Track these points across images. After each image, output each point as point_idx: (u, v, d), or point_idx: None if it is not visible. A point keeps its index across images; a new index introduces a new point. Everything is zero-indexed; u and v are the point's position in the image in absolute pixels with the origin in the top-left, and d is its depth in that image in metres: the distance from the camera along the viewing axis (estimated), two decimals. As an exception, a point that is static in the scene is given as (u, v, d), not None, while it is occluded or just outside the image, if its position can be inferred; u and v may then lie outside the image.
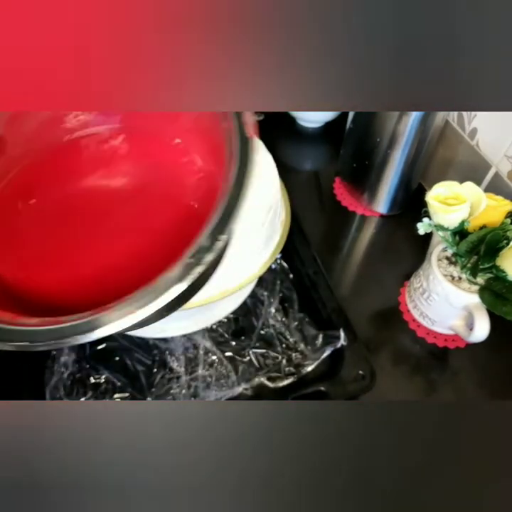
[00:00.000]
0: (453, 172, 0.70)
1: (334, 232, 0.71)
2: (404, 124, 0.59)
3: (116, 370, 0.53)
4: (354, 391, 0.50)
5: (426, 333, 0.59)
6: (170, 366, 0.53)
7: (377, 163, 0.66)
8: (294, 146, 0.85)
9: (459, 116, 0.66)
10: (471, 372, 0.56)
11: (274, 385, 0.52)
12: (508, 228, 0.50)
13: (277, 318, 0.57)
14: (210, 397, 0.50)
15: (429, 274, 0.55)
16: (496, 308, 0.49)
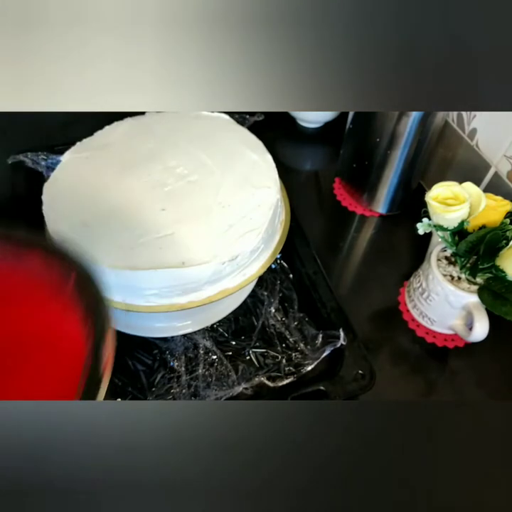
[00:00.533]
0: (452, 172, 0.70)
1: (334, 232, 0.71)
2: (404, 124, 0.60)
3: (116, 369, 0.53)
4: (354, 390, 0.50)
5: (425, 333, 0.59)
6: (170, 366, 0.53)
7: (376, 163, 0.66)
8: (294, 146, 0.86)
9: (458, 116, 0.66)
10: (470, 372, 0.56)
11: (274, 385, 0.52)
12: (507, 228, 0.51)
13: (277, 317, 0.57)
14: (211, 396, 0.50)
15: (429, 274, 0.55)
16: (496, 308, 0.49)
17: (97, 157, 0.55)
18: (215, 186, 0.53)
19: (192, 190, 0.52)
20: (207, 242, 0.48)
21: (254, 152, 0.57)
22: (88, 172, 0.54)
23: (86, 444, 0.28)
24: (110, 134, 0.59)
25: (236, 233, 0.49)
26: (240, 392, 0.51)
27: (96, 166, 0.54)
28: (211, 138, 0.58)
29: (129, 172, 0.54)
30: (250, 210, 0.51)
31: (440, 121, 0.61)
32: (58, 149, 0.72)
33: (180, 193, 0.52)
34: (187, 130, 0.59)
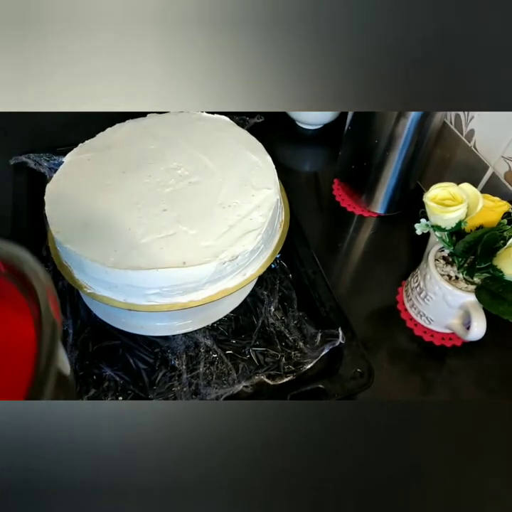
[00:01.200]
0: (450, 173, 0.71)
1: (333, 233, 0.72)
2: (402, 125, 0.60)
3: (118, 368, 0.53)
4: (352, 389, 0.50)
5: (423, 332, 0.60)
6: (171, 364, 0.54)
7: (375, 164, 0.67)
8: (293, 147, 0.86)
9: (456, 117, 0.67)
10: (467, 371, 0.57)
11: (273, 383, 0.52)
12: (504, 228, 0.51)
13: (277, 316, 0.58)
14: (211, 394, 0.51)
15: (427, 274, 0.55)
16: (493, 308, 0.49)
17: (98, 158, 0.56)
18: (215, 187, 0.53)
19: (193, 191, 0.53)
20: (207, 242, 0.48)
21: (254, 153, 0.57)
22: (90, 173, 0.54)
23: (86, 444, 0.28)
24: (112, 136, 0.59)
25: (236, 233, 0.49)
26: (240, 390, 0.52)
27: (98, 167, 0.55)
28: (212, 140, 0.59)
29: (130, 173, 0.54)
30: (250, 210, 0.51)
31: (438, 123, 0.62)
32: (60, 150, 0.72)
33: (181, 194, 0.52)
34: (188, 132, 0.60)
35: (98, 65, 0.30)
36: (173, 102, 0.31)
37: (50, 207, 0.51)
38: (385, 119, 0.61)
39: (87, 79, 0.30)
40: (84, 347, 0.55)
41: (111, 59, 0.30)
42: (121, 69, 0.30)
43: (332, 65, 0.30)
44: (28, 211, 0.68)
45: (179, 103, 0.31)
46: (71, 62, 0.29)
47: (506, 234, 0.50)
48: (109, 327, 0.56)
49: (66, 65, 0.29)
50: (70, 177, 0.54)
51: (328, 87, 0.30)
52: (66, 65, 0.29)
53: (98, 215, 0.50)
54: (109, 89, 0.31)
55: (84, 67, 0.30)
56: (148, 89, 0.31)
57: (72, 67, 0.29)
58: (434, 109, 0.32)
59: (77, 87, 0.30)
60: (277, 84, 0.30)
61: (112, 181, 0.53)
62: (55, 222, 0.50)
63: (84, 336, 0.56)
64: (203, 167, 0.55)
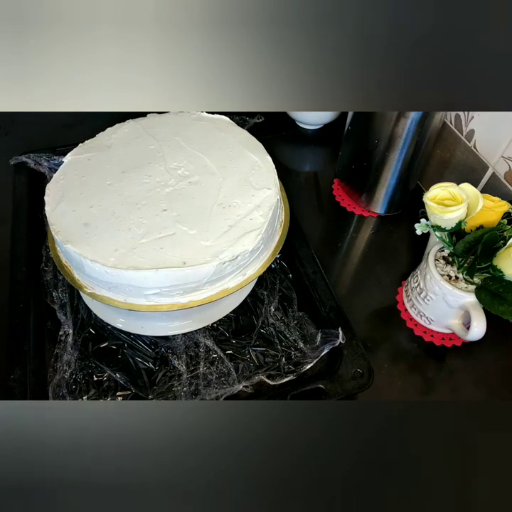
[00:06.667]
0: (450, 173, 0.71)
1: (333, 233, 0.72)
2: (402, 126, 0.60)
3: (118, 368, 0.53)
4: (352, 389, 0.51)
5: (423, 332, 0.60)
6: (171, 364, 0.54)
7: (375, 164, 0.67)
8: (293, 147, 0.86)
9: (456, 118, 0.67)
10: (467, 371, 0.57)
11: (273, 383, 0.52)
12: (504, 228, 0.51)
13: (277, 316, 0.58)
14: (211, 394, 0.51)
15: (427, 274, 0.55)
16: (493, 308, 0.49)
17: (98, 158, 0.56)
18: (215, 187, 0.53)
19: (193, 191, 0.53)
20: (207, 242, 0.48)
21: (254, 154, 0.57)
22: (90, 173, 0.54)
23: (86, 444, 0.28)
24: (112, 136, 0.59)
25: (236, 233, 0.49)
26: (240, 390, 0.52)
27: (98, 167, 0.55)
28: (212, 140, 0.59)
29: (130, 173, 0.54)
30: (250, 210, 0.51)
31: (438, 123, 0.62)
32: (60, 150, 0.72)
33: (181, 193, 0.52)
34: (188, 132, 0.60)
35: (98, 65, 0.30)
36: (173, 102, 0.31)
37: (50, 207, 0.51)
38: (385, 119, 0.61)
39: (87, 79, 0.30)
40: (84, 347, 0.55)
41: (111, 59, 0.30)
42: (121, 69, 0.30)
43: (332, 65, 0.30)
44: (28, 211, 0.68)
45: (179, 103, 0.31)
46: (71, 62, 0.29)
47: (506, 234, 0.50)
48: (109, 327, 0.56)
49: (66, 65, 0.29)
50: (70, 177, 0.54)
51: (328, 87, 0.30)
52: (66, 65, 0.29)
53: (98, 215, 0.50)
54: (109, 89, 0.31)
55: (85, 67, 0.30)
56: (148, 89, 0.31)
57: (72, 68, 0.30)
58: (434, 109, 0.32)
59: (77, 87, 0.30)
60: (277, 84, 0.30)
61: (111, 181, 0.53)
62: (55, 222, 0.50)
63: (84, 336, 0.56)
64: (202, 167, 0.55)
